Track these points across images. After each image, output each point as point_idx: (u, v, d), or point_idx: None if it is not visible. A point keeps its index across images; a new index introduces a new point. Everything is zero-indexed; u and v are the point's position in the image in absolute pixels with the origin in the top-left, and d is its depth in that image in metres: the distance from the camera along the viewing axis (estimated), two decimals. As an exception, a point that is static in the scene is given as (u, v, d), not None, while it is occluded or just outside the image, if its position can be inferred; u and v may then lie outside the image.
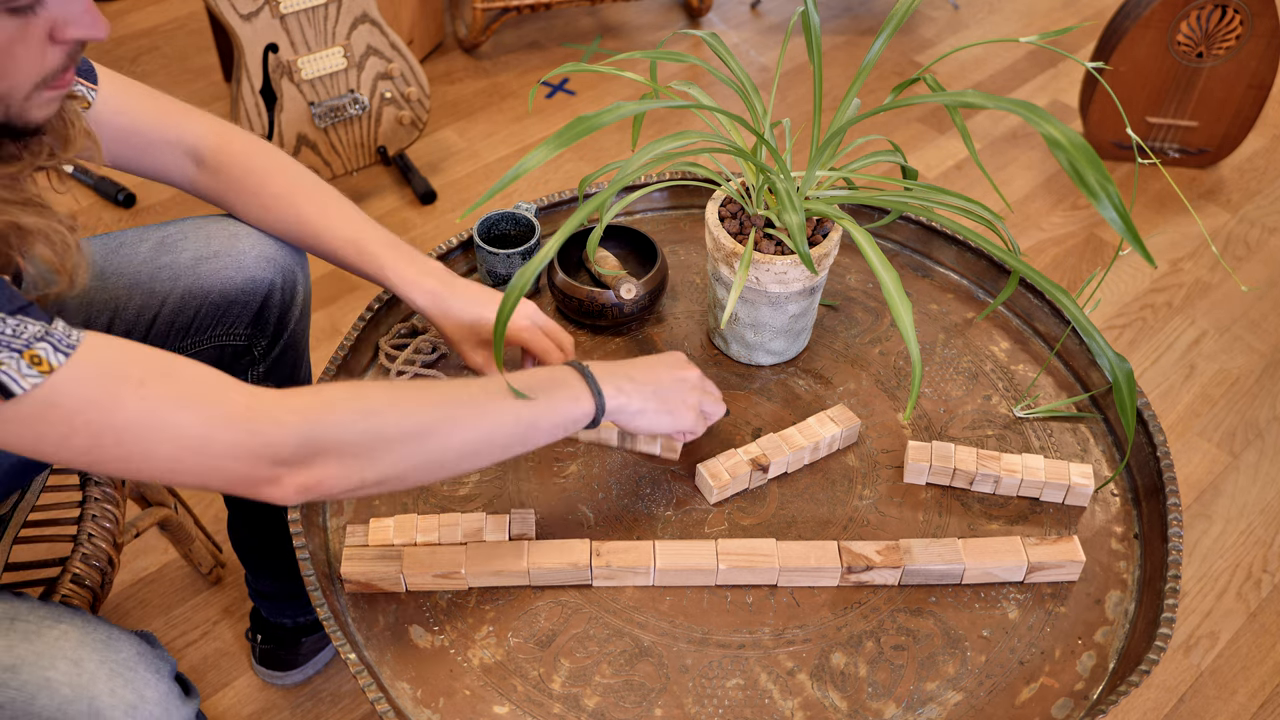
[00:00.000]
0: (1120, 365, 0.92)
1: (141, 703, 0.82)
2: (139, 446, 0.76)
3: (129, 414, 0.75)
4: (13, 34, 0.71)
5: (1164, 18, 2.09)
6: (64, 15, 0.73)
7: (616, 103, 0.89)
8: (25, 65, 0.73)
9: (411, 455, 0.86)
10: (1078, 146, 0.81)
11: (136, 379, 0.76)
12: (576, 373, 0.95)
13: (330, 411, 0.82)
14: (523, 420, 0.90)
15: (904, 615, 1.00)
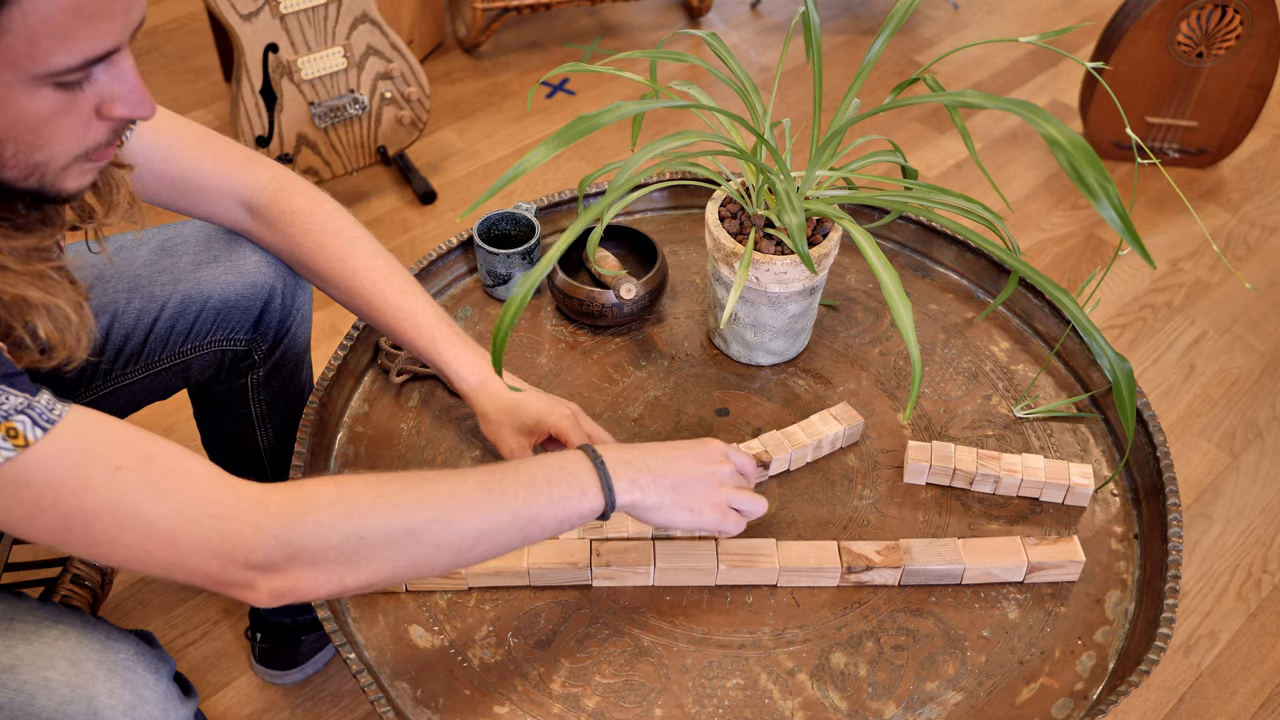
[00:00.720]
0: (1120, 365, 0.92)
1: (140, 703, 0.82)
2: (106, 533, 0.74)
3: (99, 499, 0.73)
4: (58, 107, 0.70)
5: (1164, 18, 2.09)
6: (112, 93, 0.72)
7: (616, 103, 0.89)
8: (67, 137, 0.72)
9: (396, 559, 0.81)
10: (1077, 146, 0.81)
11: (113, 463, 0.73)
12: (589, 462, 0.88)
13: (309, 513, 0.78)
14: (521, 518, 0.84)
15: (904, 615, 1.00)
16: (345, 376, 1.17)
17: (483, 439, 1.13)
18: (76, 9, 0.65)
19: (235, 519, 0.76)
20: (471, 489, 0.83)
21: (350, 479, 0.82)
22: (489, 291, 1.28)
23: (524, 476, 0.85)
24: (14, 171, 0.72)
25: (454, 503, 0.82)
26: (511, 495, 0.84)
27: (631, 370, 1.21)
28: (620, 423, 1.15)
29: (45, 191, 0.75)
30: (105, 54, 0.69)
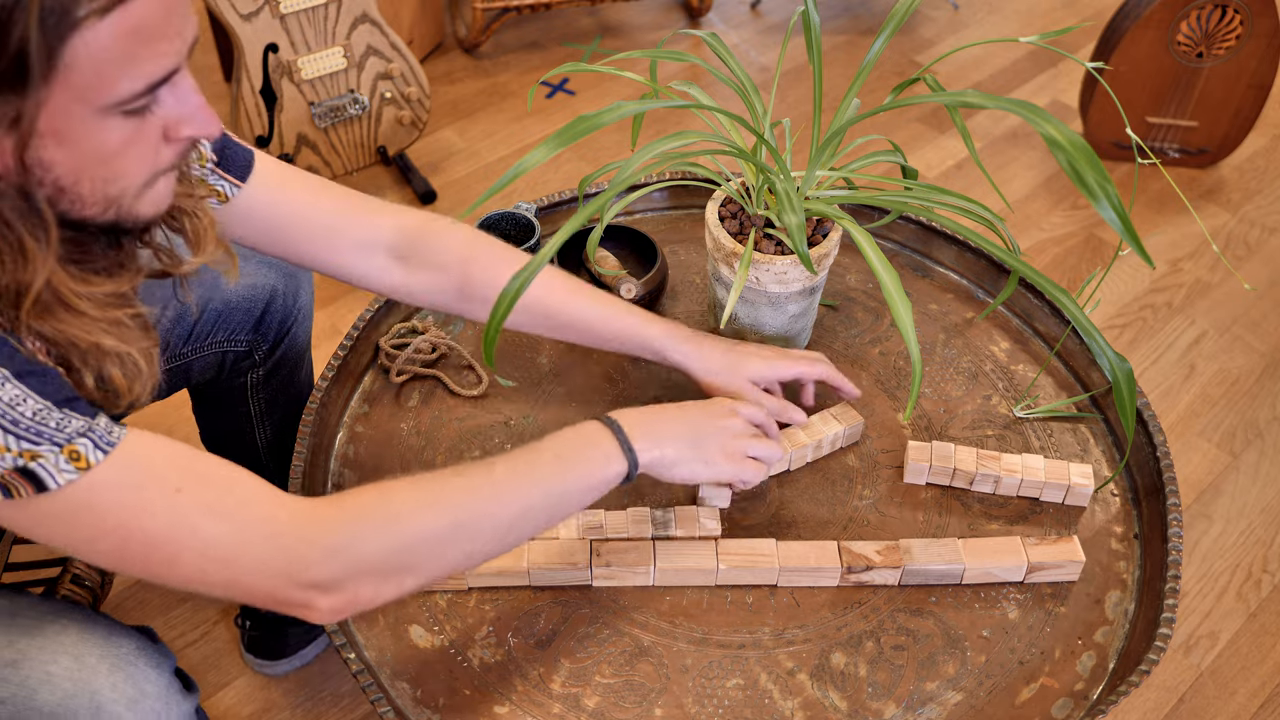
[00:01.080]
0: (1120, 365, 0.92)
1: (142, 697, 0.82)
2: (167, 554, 0.75)
3: (159, 521, 0.74)
4: (127, 135, 0.70)
5: (1164, 18, 2.09)
6: (177, 114, 0.72)
7: (616, 103, 0.89)
8: (138, 165, 0.73)
9: (445, 555, 0.84)
10: (1077, 146, 0.81)
11: (173, 485, 0.75)
12: (606, 429, 0.92)
13: (358, 523, 0.80)
14: (553, 494, 0.88)
15: (904, 615, 1.00)
16: (345, 376, 1.17)
17: (484, 437, 1.14)
18: (135, 32, 0.65)
19: (290, 535, 0.77)
20: (502, 475, 0.86)
21: (391, 485, 0.83)
22: (489, 291, 1.29)
23: (548, 454, 0.89)
24: (93, 208, 0.72)
25: (491, 491, 0.85)
26: (540, 474, 0.87)
27: (631, 371, 1.21)
28: (620, 423, 1.15)
29: (123, 222, 0.75)
30: (167, 75, 0.69)
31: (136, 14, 0.65)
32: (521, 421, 1.15)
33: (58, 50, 0.63)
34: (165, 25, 0.67)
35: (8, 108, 0.64)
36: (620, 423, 0.92)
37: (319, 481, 1.09)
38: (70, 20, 0.62)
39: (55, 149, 0.67)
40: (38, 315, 0.71)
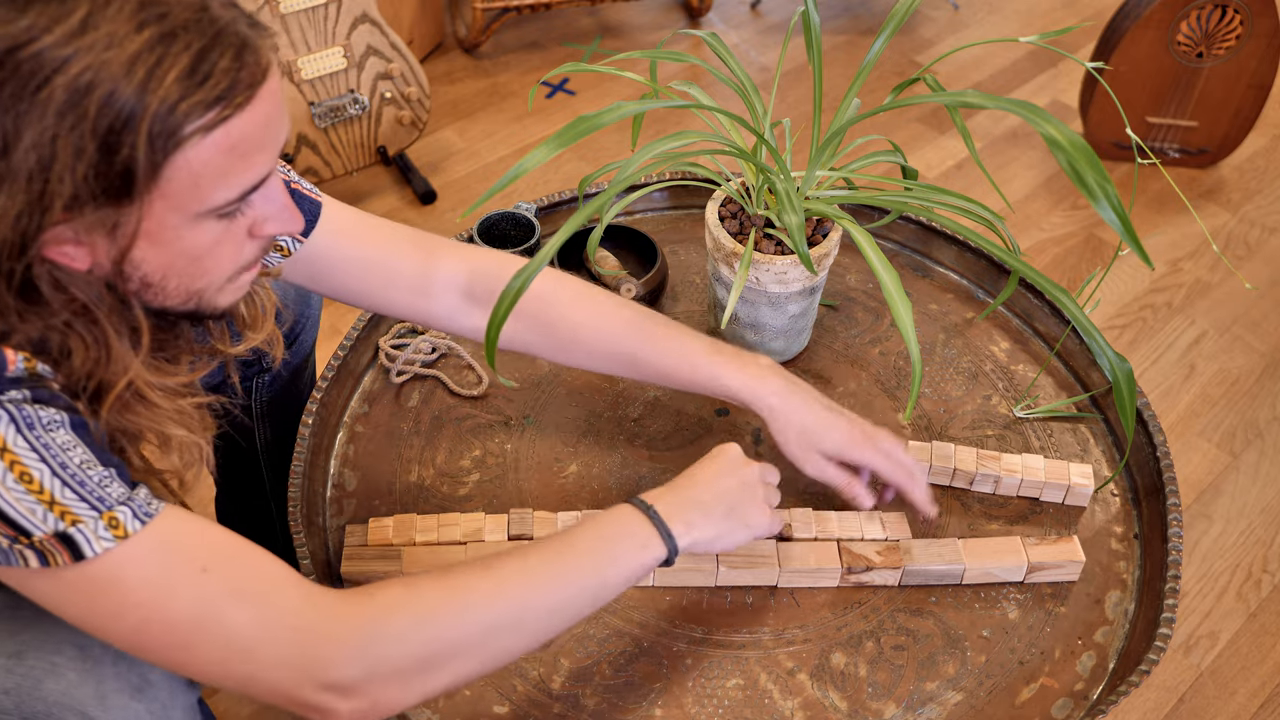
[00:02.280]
0: (1120, 365, 0.92)
1: (147, 685, 0.82)
2: (186, 639, 0.74)
3: (182, 603, 0.73)
4: (218, 236, 0.72)
5: (1164, 18, 2.09)
6: (263, 214, 0.75)
7: (616, 103, 0.89)
8: (225, 263, 0.75)
9: (475, 656, 0.81)
10: (1077, 147, 0.81)
11: (200, 564, 0.73)
12: (641, 515, 0.88)
13: (384, 621, 0.77)
14: (590, 588, 0.85)
15: (904, 615, 1.00)
16: (345, 376, 1.17)
17: (483, 438, 1.14)
18: (235, 147, 0.67)
19: (314, 631, 0.76)
20: (536, 569, 0.83)
21: (418, 580, 0.81)
22: (489, 291, 1.28)
23: (583, 545, 0.86)
24: (175, 300, 0.74)
25: (523, 589, 0.82)
26: (576, 567, 0.84)
27: (631, 370, 1.21)
28: (620, 423, 1.15)
29: (202, 312, 0.78)
30: (260, 182, 0.71)
31: (238, 131, 0.67)
32: (522, 422, 1.15)
33: (161, 166, 0.65)
34: (262, 137, 0.69)
35: (110, 216, 0.66)
36: (655, 508, 0.89)
37: (319, 481, 1.09)
38: (176, 139, 0.64)
39: (147, 249, 0.69)
40: (116, 409, 0.73)
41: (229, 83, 0.65)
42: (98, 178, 0.63)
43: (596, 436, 1.14)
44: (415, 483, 1.10)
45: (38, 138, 0.61)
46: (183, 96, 0.63)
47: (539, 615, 0.83)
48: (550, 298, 1.02)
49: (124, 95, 0.62)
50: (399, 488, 1.10)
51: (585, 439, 1.13)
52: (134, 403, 0.74)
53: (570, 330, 1.02)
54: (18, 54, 0.61)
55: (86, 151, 0.62)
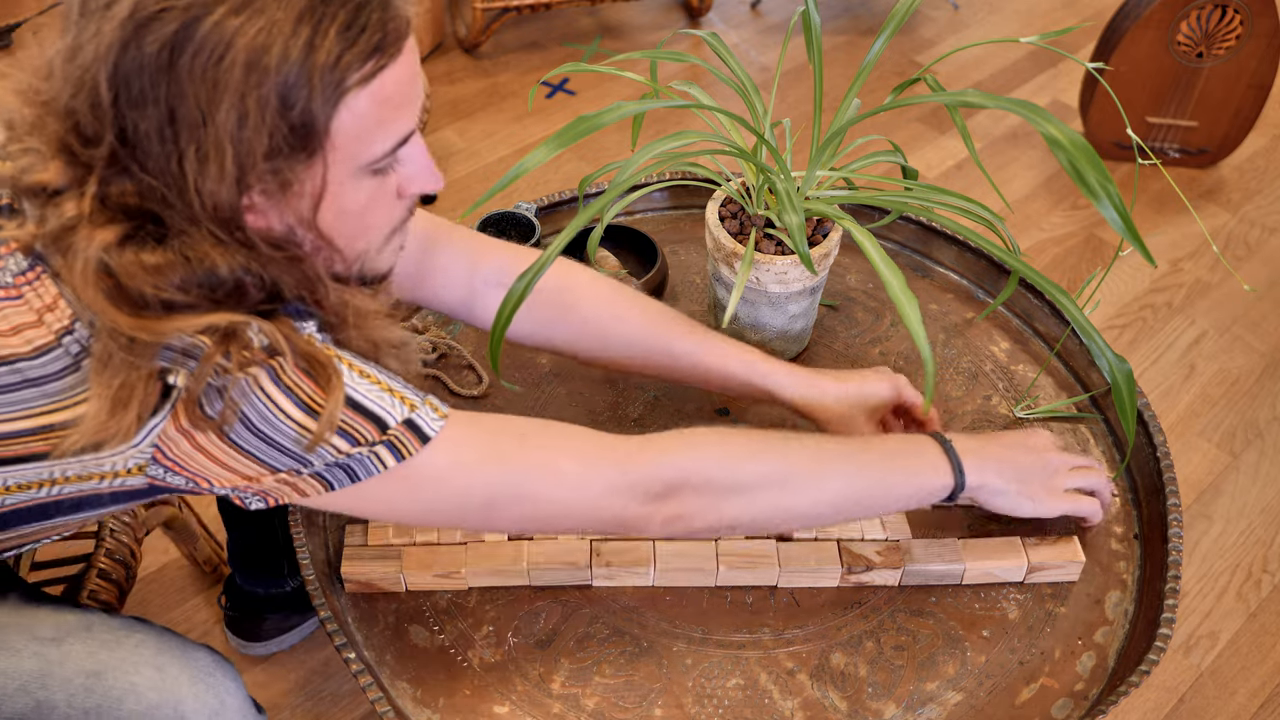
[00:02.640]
0: (1120, 366, 0.92)
1: (224, 709, 0.84)
2: (530, 492, 0.82)
3: (521, 463, 0.82)
4: (373, 192, 0.76)
5: (1164, 18, 2.09)
6: (409, 173, 0.78)
7: (617, 103, 0.89)
8: (380, 220, 0.79)
9: (766, 500, 0.88)
10: (1078, 146, 0.81)
11: (516, 433, 0.83)
12: (937, 444, 0.94)
13: (694, 449, 0.87)
14: (876, 484, 0.91)
15: (904, 615, 1.00)
16: (345, 376, 1.17)
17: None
18: (387, 99, 0.71)
19: (631, 459, 0.85)
20: (833, 451, 0.91)
21: (728, 430, 0.91)
22: (489, 291, 1.28)
23: (878, 449, 0.93)
24: (342, 264, 0.78)
25: (819, 460, 0.90)
26: (870, 462, 0.92)
27: (631, 370, 1.21)
28: (621, 423, 1.15)
29: (365, 276, 0.83)
30: (409, 135, 0.75)
31: (391, 81, 0.71)
32: (521, 421, 1.15)
33: (331, 118, 0.69)
34: (410, 89, 0.73)
35: (291, 172, 0.70)
36: (952, 441, 0.94)
37: (319, 481, 1.09)
38: (341, 90, 0.68)
39: (324, 209, 0.73)
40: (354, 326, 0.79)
41: (382, 34, 0.69)
42: (285, 132, 0.67)
43: (596, 436, 1.14)
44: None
45: (231, 101, 0.65)
46: (344, 49, 0.67)
47: (826, 489, 0.90)
48: (577, 290, 1.05)
49: (295, 52, 0.66)
50: (399, 488, 1.10)
51: (585, 439, 1.13)
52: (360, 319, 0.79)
53: (596, 327, 1.05)
54: (199, 26, 0.65)
55: (270, 106, 0.66)
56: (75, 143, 0.69)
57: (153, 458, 0.73)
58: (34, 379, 0.71)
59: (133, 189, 0.69)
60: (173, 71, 0.65)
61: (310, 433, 0.72)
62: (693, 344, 1.04)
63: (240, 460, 0.73)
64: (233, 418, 0.71)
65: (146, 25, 0.64)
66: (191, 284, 0.70)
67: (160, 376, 0.70)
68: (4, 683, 0.82)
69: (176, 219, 0.69)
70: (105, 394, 0.69)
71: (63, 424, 0.72)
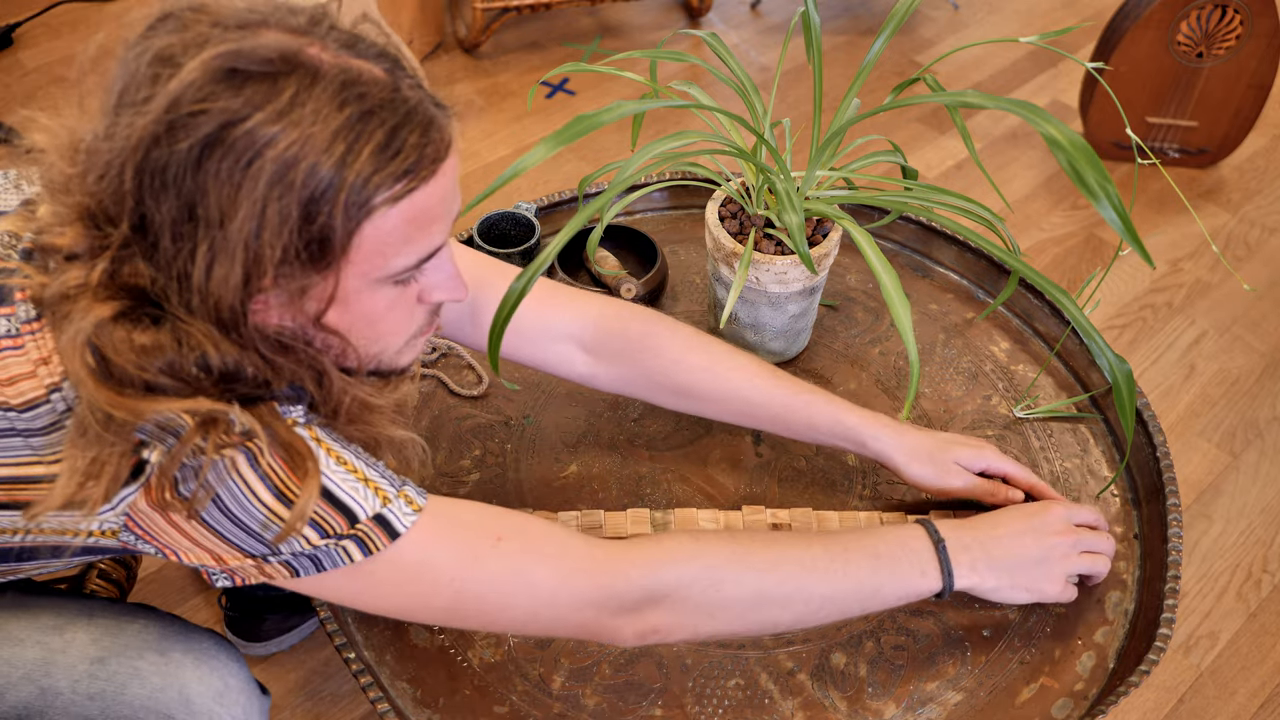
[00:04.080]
0: (1120, 366, 0.92)
1: (228, 690, 0.85)
2: (499, 601, 0.80)
3: (492, 570, 0.80)
4: (393, 300, 0.75)
5: (1164, 18, 2.09)
6: (433, 282, 0.78)
7: (616, 102, 0.89)
8: (398, 326, 0.78)
9: (746, 614, 0.86)
10: (1078, 146, 0.81)
11: (493, 533, 0.80)
12: (929, 541, 0.91)
13: (671, 563, 0.84)
14: (864, 589, 0.89)
15: (904, 615, 1.00)
16: (345, 376, 1.17)
17: (484, 437, 1.14)
18: (415, 219, 0.71)
19: (606, 573, 0.82)
20: (819, 555, 0.88)
21: (707, 535, 0.88)
22: (489, 291, 1.28)
23: (867, 549, 0.89)
24: (355, 361, 0.78)
25: (802, 567, 0.87)
26: (856, 565, 0.88)
27: (631, 370, 1.21)
28: (620, 423, 1.15)
29: (383, 371, 0.82)
30: (436, 250, 0.75)
31: (420, 202, 0.70)
32: (522, 422, 1.15)
33: (354, 234, 0.68)
34: (440, 208, 0.73)
35: (309, 281, 0.69)
36: (946, 542, 0.91)
37: (319, 481, 1.09)
38: (368, 209, 0.68)
39: (334, 313, 0.73)
40: (349, 420, 0.78)
41: (417, 157, 0.69)
42: (301, 245, 0.67)
43: (596, 436, 1.14)
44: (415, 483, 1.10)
45: (251, 208, 0.65)
46: (376, 170, 0.67)
47: (807, 600, 0.87)
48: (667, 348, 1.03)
49: (325, 168, 0.66)
50: (399, 488, 1.10)
51: (585, 439, 1.13)
52: (362, 412, 0.79)
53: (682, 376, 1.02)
54: (233, 130, 0.64)
55: (290, 219, 0.66)
56: (95, 217, 0.69)
57: (124, 525, 0.73)
58: (20, 430, 0.71)
59: (144, 271, 0.69)
60: (200, 170, 0.65)
61: (282, 521, 0.72)
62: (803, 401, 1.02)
63: (210, 539, 0.73)
64: (205, 499, 0.71)
65: (182, 123, 0.64)
66: (180, 368, 0.69)
67: (135, 450, 0.70)
68: (8, 671, 0.83)
69: (177, 307, 0.69)
70: (77, 465, 0.68)
71: (40, 478, 0.72)
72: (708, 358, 1.03)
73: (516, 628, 0.84)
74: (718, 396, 1.03)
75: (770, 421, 1.03)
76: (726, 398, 1.03)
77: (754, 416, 1.03)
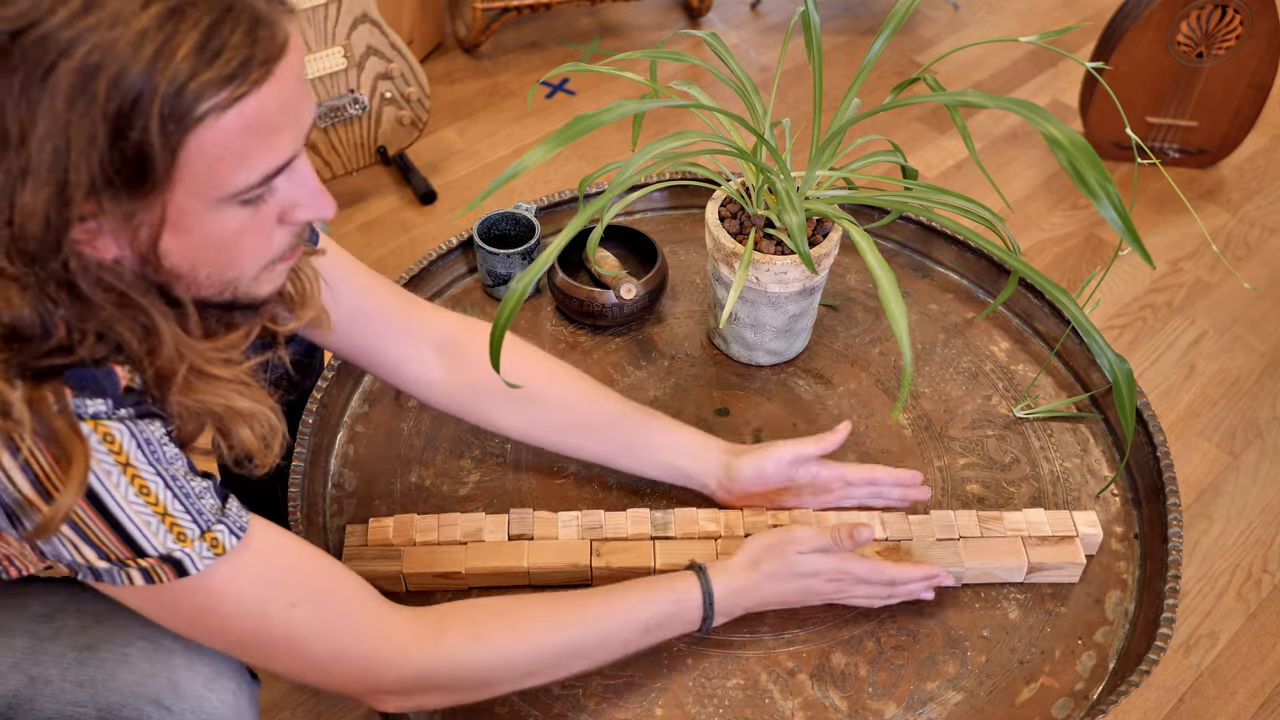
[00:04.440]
0: (1120, 365, 0.92)
1: (217, 675, 0.84)
2: (273, 655, 0.81)
3: (273, 631, 0.79)
4: (244, 223, 0.68)
5: (1164, 18, 2.09)
6: (292, 199, 0.71)
7: (616, 102, 0.89)
8: (254, 251, 0.71)
9: (519, 683, 0.90)
10: (1078, 146, 0.81)
11: (289, 599, 0.78)
12: (699, 599, 0.93)
13: (443, 656, 0.84)
14: (626, 653, 0.92)
15: (904, 615, 1.00)
16: (345, 377, 1.17)
17: (484, 437, 1.14)
18: (250, 129, 0.64)
19: (381, 662, 0.83)
20: (591, 632, 0.90)
21: (486, 620, 0.87)
22: (489, 292, 1.28)
23: (638, 621, 0.91)
24: (209, 290, 0.72)
25: (571, 649, 0.89)
26: (620, 639, 0.91)
27: (631, 370, 1.21)
28: (620, 423, 1.15)
29: (240, 302, 0.75)
30: (283, 165, 0.68)
31: (255, 110, 0.63)
32: (521, 421, 1.15)
33: (177, 149, 0.61)
34: (281, 117, 0.65)
35: (131, 205, 0.63)
36: (716, 603, 0.93)
37: (319, 481, 1.09)
38: (189, 120, 0.61)
39: (172, 239, 0.66)
40: (181, 390, 0.72)
41: (242, 59, 0.61)
42: (114, 164, 0.60)
43: (596, 436, 1.14)
44: (415, 483, 1.10)
45: (51, 125, 0.59)
46: (193, 74, 0.60)
47: (574, 670, 0.91)
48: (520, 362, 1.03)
49: (132, 75, 0.59)
50: (399, 488, 1.10)
51: (585, 439, 1.13)
52: (195, 379, 0.72)
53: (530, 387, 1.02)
54: (23, 38, 0.58)
55: (99, 137, 0.59)
56: None
57: None
58: None
59: None
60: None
61: (41, 514, 0.66)
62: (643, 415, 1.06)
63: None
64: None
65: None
66: None
67: None
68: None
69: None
70: None
71: None
72: (555, 365, 1.06)
73: (282, 676, 0.86)
74: (557, 408, 1.04)
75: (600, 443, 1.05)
76: (572, 404, 1.04)
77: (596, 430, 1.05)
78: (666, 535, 1.02)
